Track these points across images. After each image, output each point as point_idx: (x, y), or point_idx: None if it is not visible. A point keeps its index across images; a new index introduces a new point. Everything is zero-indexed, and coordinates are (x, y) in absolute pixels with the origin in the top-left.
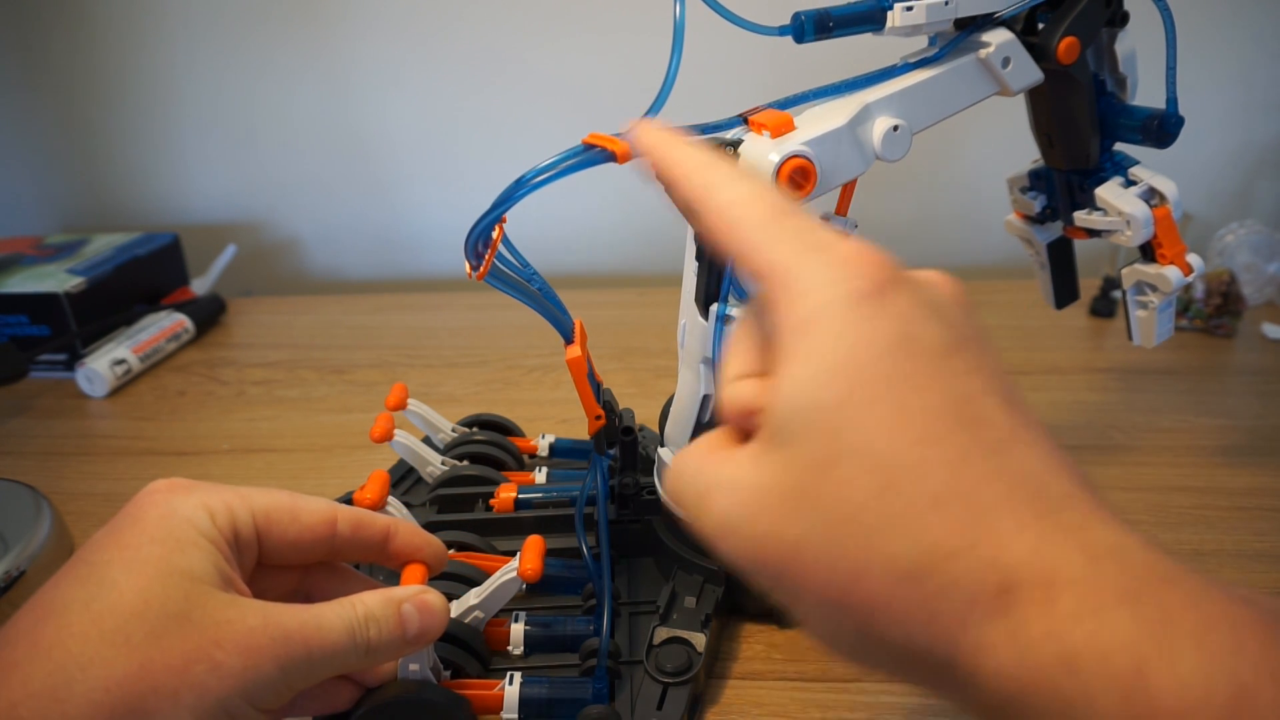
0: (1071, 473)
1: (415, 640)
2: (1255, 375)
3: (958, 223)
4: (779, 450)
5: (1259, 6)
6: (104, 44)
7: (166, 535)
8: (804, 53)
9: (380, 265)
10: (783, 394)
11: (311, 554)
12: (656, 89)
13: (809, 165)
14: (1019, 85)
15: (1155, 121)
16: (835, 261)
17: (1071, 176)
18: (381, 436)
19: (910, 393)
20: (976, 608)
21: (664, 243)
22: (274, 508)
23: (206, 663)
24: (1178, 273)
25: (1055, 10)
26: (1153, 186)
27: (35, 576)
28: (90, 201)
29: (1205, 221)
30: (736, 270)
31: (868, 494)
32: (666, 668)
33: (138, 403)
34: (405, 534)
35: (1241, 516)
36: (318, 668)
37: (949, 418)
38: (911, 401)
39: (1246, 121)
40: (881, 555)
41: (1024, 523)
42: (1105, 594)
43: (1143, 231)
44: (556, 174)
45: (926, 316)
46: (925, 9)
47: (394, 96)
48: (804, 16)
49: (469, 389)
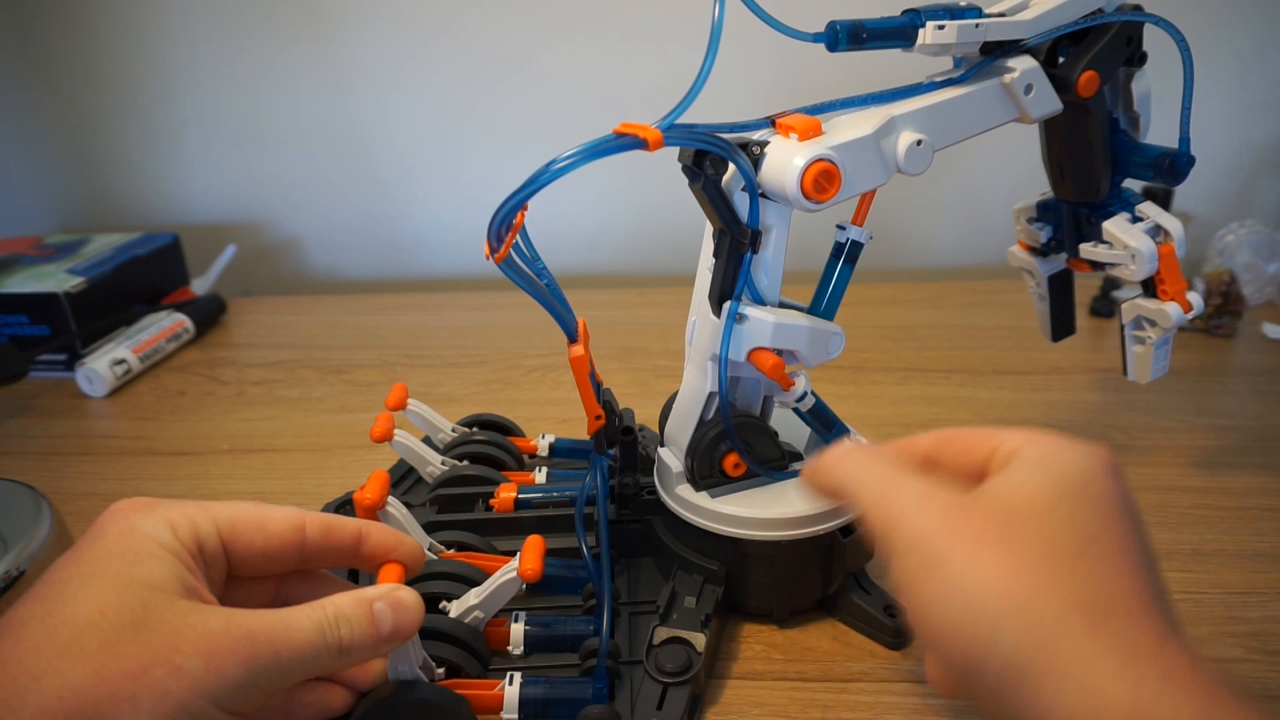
0: (1179, 637)
1: (391, 637)
2: (1255, 375)
3: (959, 223)
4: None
5: (1259, 6)
6: (104, 44)
7: (125, 549)
8: (810, 63)
9: (380, 265)
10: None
11: (283, 562)
12: (657, 90)
13: (834, 169)
14: (1038, 113)
15: (1167, 160)
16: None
17: (1080, 209)
18: (381, 436)
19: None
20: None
21: (664, 243)
22: (238, 518)
23: (165, 666)
24: (1178, 309)
25: (1077, 45)
26: (1159, 224)
27: (35, 576)
28: (90, 201)
29: (1205, 221)
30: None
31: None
32: (666, 668)
33: (138, 403)
34: (378, 535)
35: (1241, 516)
36: (288, 668)
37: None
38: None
39: (1246, 121)
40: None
41: (1100, 648)
42: (1115, 673)
43: (1147, 266)
44: (585, 157)
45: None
46: (956, 29)
47: (394, 96)
48: (839, 26)
49: (469, 389)
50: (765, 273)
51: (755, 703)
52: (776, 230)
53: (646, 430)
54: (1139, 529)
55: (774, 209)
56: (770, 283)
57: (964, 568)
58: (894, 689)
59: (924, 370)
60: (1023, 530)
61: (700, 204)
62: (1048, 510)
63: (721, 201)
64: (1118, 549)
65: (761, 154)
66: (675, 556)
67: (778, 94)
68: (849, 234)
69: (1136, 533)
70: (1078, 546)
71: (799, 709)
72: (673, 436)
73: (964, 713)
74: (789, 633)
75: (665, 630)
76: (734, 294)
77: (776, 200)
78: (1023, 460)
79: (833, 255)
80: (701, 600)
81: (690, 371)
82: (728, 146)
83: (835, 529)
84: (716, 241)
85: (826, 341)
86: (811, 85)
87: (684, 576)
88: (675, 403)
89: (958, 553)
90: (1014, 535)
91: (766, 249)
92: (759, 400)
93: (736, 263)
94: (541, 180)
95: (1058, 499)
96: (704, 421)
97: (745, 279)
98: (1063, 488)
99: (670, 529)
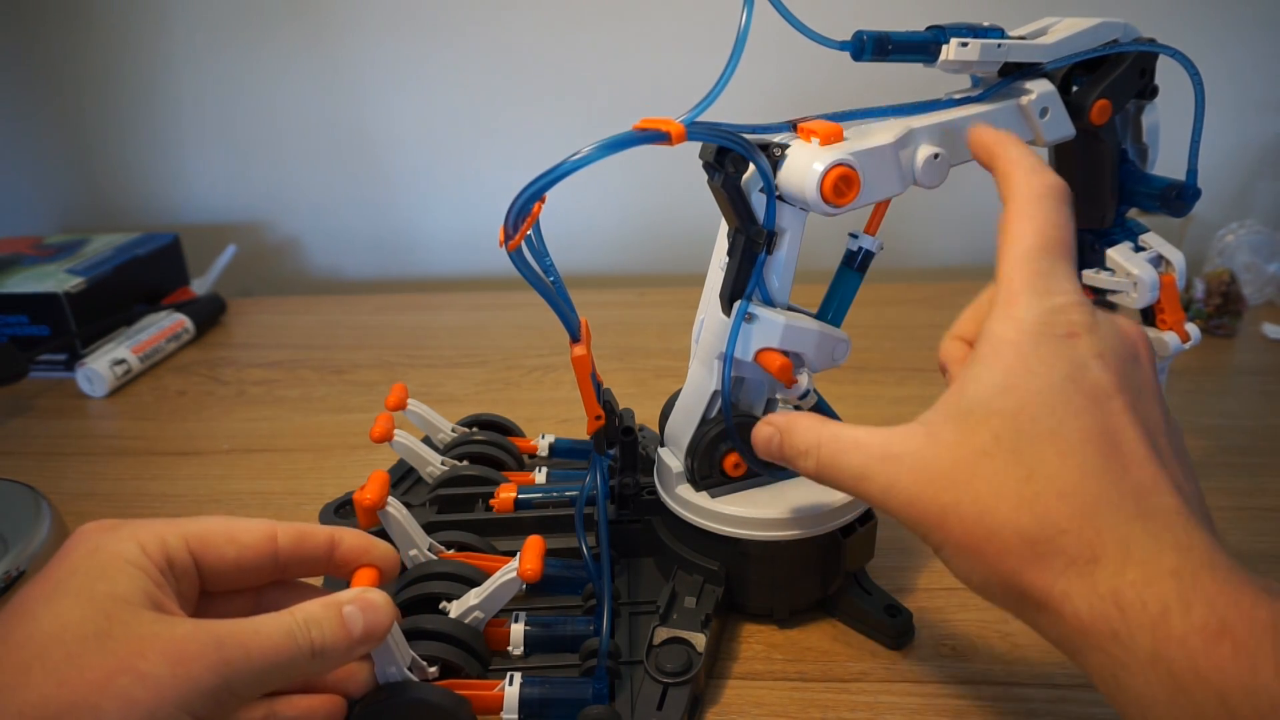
0: (1177, 492)
1: (364, 638)
2: (1255, 375)
3: (960, 225)
4: (952, 432)
5: (1258, 6)
6: (104, 44)
7: (90, 566)
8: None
9: (380, 265)
10: (968, 390)
11: (258, 573)
12: (659, 92)
13: (854, 174)
14: (1052, 136)
15: (1174, 191)
16: (1049, 307)
17: (1084, 235)
18: (381, 436)
19: (1068, 417)
20: (1071, 567)
21: (664, 243)
22: (208, 531)
23: (131, 674)
24: (1176, 339)
25: (1092, 74)
26: (1161, 254)
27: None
28: (90, 201)
29: (1205, 221)
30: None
31: (1015, 480)
32: (666, 668)
33: (138, 403)
34: (350, 540)
35: (1241, 516)
36: (261, 671)
37: (1090, 441)
38: (1066, 423)
39: (1245, 121)
40: (1013, 523)
41: (1119, 520)
42: (1158, 569)
43: (1148, 295)
44: (607, 150)
45: (1102, 365)
46: (980, 47)
47: (394, 97)
48: (865, 36)
49: (469, 389)
50: (777, 275)
51: (755, 703)
52: (791, 233)
53: (646, 430)
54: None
55: (790, 212)
56: (781, 285)
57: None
58: (894, 689)
59: (924, 370)
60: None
61: (718, 201)
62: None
63: (740, 200)
64: (1067, 443)
65: (782, 156)
66: (675, 556)
67: (784, 100)
68: (861, 243)
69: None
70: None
71: (799, 709)
72: (673, 436)
73: (964, 713)
74: (789, 633)
75: (665, 630)
76: (745, 293)
77: (793, 203)
78: (980, 365)
79: (843, 263)
80: (701, 600)
81: (695, 369)
82: (749, 145)
83: (835, 529)
84: (731, 240)
85: (833, 347)
86: (820, 93)
87: (684, 576)
88: (677, 401)
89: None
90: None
91: (780, 251)
92: (762, 402)
93: (750, 263)
94: (561, 171)
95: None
96: (705, 421)
97: (757, 279)
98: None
99: (670, 529)
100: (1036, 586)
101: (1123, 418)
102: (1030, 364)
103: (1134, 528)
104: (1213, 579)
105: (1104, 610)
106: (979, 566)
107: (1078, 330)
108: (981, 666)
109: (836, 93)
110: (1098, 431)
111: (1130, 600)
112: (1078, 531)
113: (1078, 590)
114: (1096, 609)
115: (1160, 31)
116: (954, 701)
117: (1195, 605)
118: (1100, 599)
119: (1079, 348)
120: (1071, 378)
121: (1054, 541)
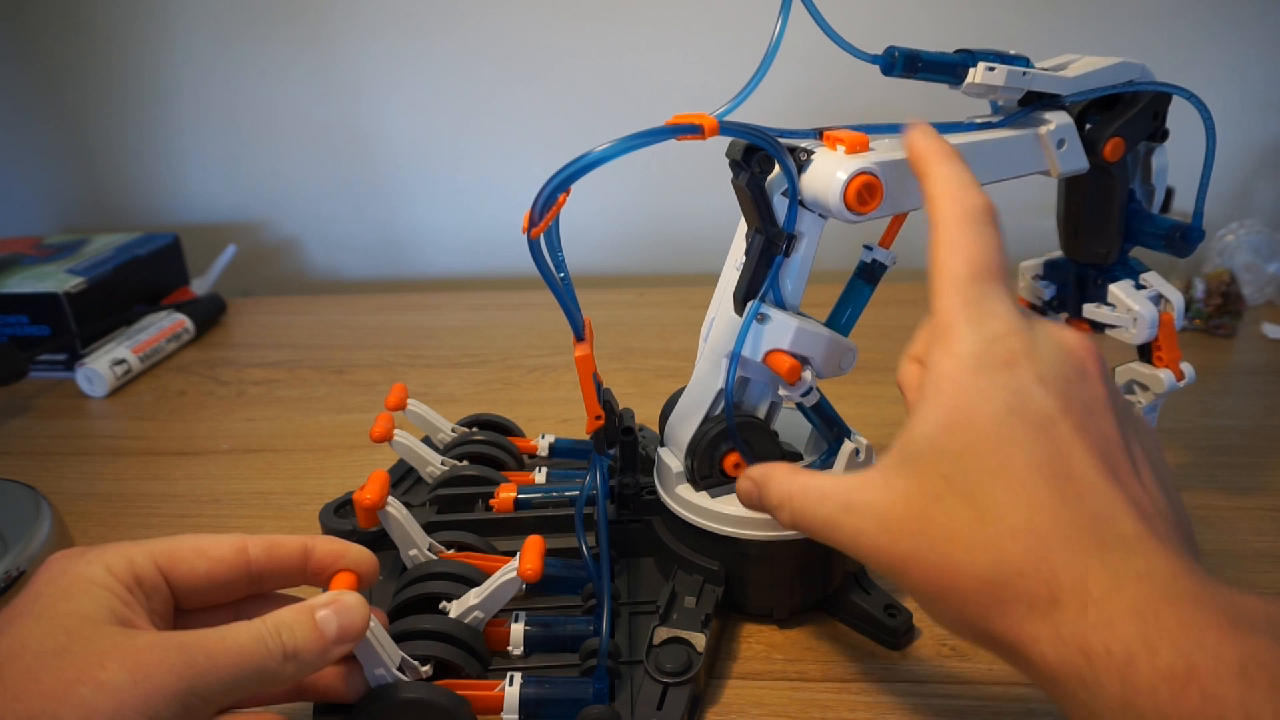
0: (1136, 513)
1: (339, 640)
2: (1255, 375)
3: None
4: (904, 478)
5: (1258, 5)
6: (104, 44)
7: (55, 589)
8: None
9: (380, 265)
10: (915, 432)
11: (232, 586)
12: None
13: (877, 183)
14: (1066, 168)
15: (1178, 232)
16: (985, 336)
17: (1087, 270)
18: (381, 436)
19: (1013, 451)
20: (1033, 612)
21: (664, 243)
22: (176, 548)
23: (89, 683)
24: (1171, 377)
25: (1106, 114)
26: (1161, 293)
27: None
28: (90, 201)
29: (1205, 221)
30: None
31: (966, 524)
32: (666, 668)
33: (138, 403)
34: (324, 546)
35: (1241, 516)
36: (229, 676)
37: (1039, 473)
38: (1012, 458)
39: (1245, 121)
40: (970, 570)
41: (1075, 555)
42: (1119, 608)
43: (1147, 331)
44: (636, 143)
45: (1043, 389)
46: (1005, 73)
47: (394, 97)
48: (897, 53)
49: (469, 389)
50: (791, 278)
51: (755, 703)
52: (808, 239)
53: (646, 430)
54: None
55: (809, 218)
56: (794, 289)
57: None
58: (894, 689)
59: None
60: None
61: (740, 200)
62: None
63: (763, 201)
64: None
65: (807, 161)
66: (675, 556)
67: (793, 108)
68: (875, 255)
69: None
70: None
71: (799, 709)
72: (673, 436)
73: (964, 713)
74: (789, 633)
75: (665, 630)
76: (759, 294)
77: (814, 209)
78: (925, 404)
79: (855, 274)
80: (701, 600)
81: (702, 367)
82: (779, 146)
83: None
84: (749, 241)
85: (841, 356)
86: (830, 104)
87: (684, 576)
88: (680, 399)
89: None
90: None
91: (796, 254)
92: (765, 404)
93: (766, 264)
94: (589, 161)
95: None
96: (706, 420)
97: (773, 281)
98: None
99: (670, 529)
100: (1003, 632)
101: (1071, 441)
102: (971, 399)
103: (1091, 562)
104: (1175, 614)
105: (1070, 658)
106: (947, 612)
107: (1017, 358)
108: (981, 666)
109: (846, 105)
110: (1045, 461)
111: (1095, 648)
112: (1034, 573)
113: (1044, 635)
114: (1064, 656)
115: (1161, 31)
116: (954, 701)
117: (1160, 648)
118: (1065, 646)
119: (1019, 375)
120: (1014, 408)
121: (1012, 585)
